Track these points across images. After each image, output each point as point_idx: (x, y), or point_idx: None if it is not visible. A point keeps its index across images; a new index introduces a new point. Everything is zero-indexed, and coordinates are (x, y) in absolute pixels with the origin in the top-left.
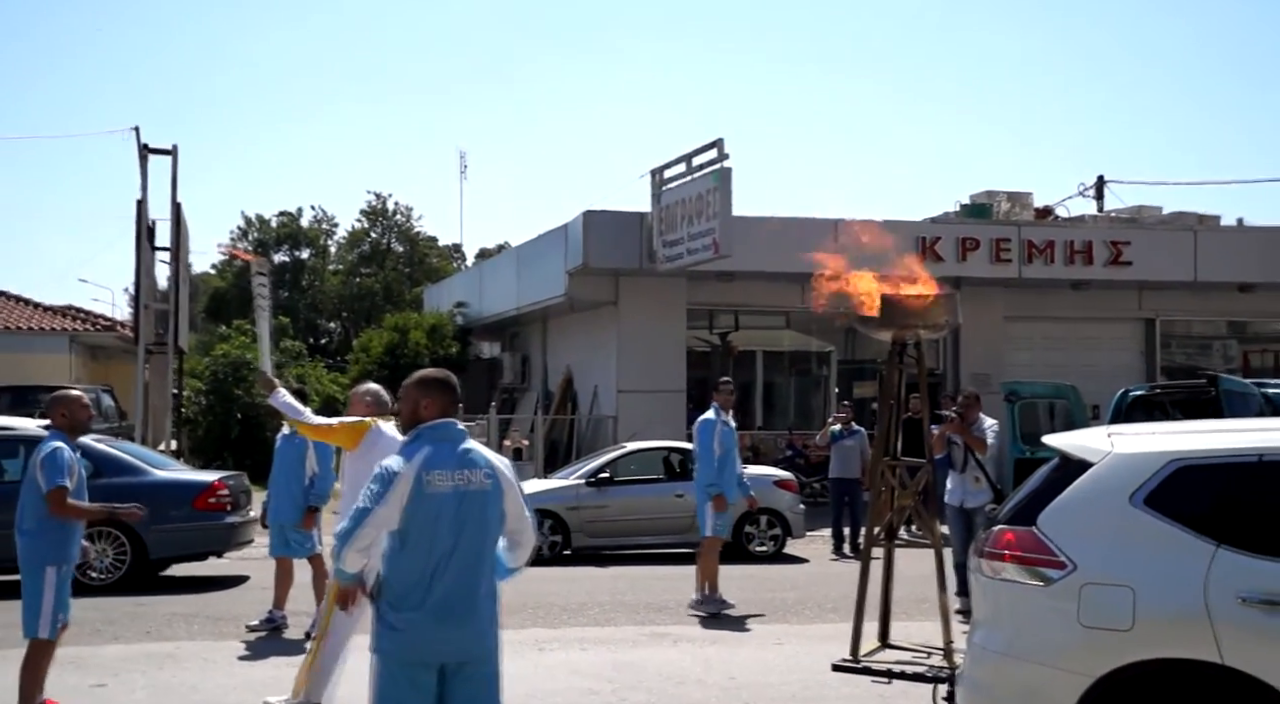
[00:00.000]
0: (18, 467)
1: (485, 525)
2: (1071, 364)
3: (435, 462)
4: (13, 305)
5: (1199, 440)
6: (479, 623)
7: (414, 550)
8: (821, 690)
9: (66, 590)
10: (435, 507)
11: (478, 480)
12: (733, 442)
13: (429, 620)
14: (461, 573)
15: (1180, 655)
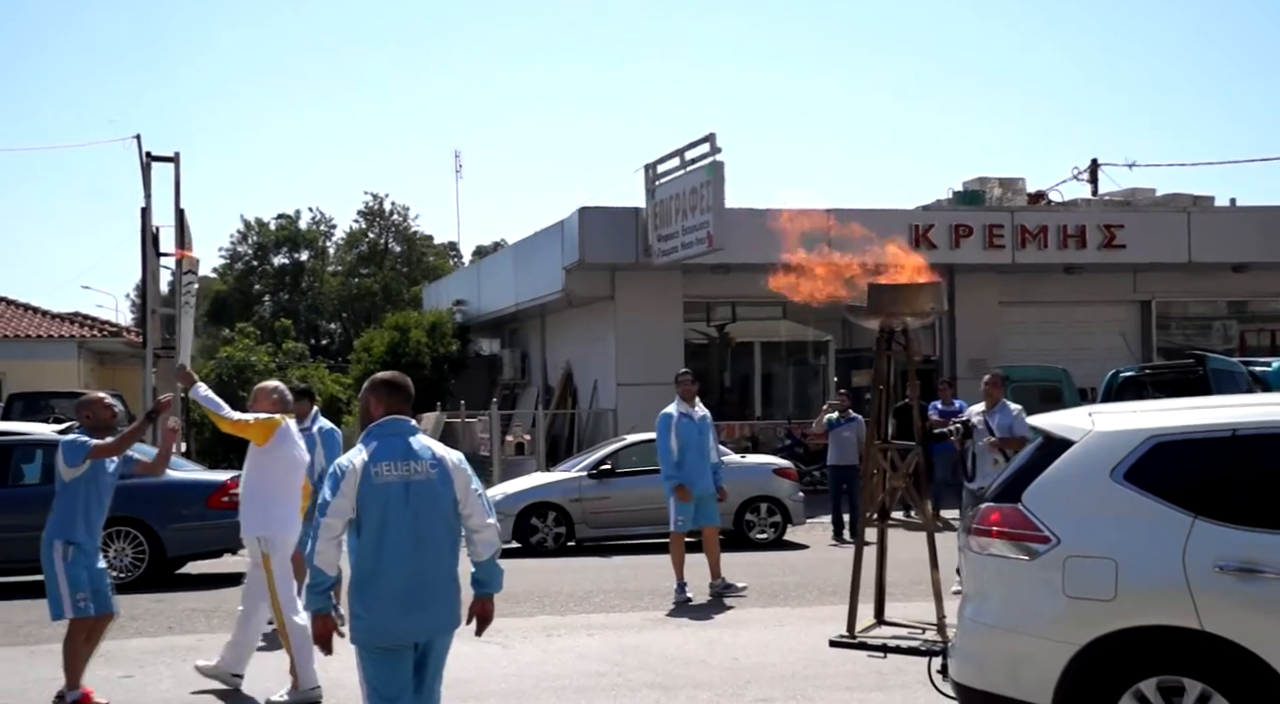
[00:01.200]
0: (35, 471)
1: (436, 512)
2: (1066, 347)
3: (381, 454)
4: (20, 313)
5: (1176, 417)
6: (441, 603)
7: (367, 538)
8: (821, 668)
9: (80, 570)
10: (383, 496)
11: (423, 471)
12: (696, 433)
13: (393, 606)
14: (418, 558)
15: (1161, 623)
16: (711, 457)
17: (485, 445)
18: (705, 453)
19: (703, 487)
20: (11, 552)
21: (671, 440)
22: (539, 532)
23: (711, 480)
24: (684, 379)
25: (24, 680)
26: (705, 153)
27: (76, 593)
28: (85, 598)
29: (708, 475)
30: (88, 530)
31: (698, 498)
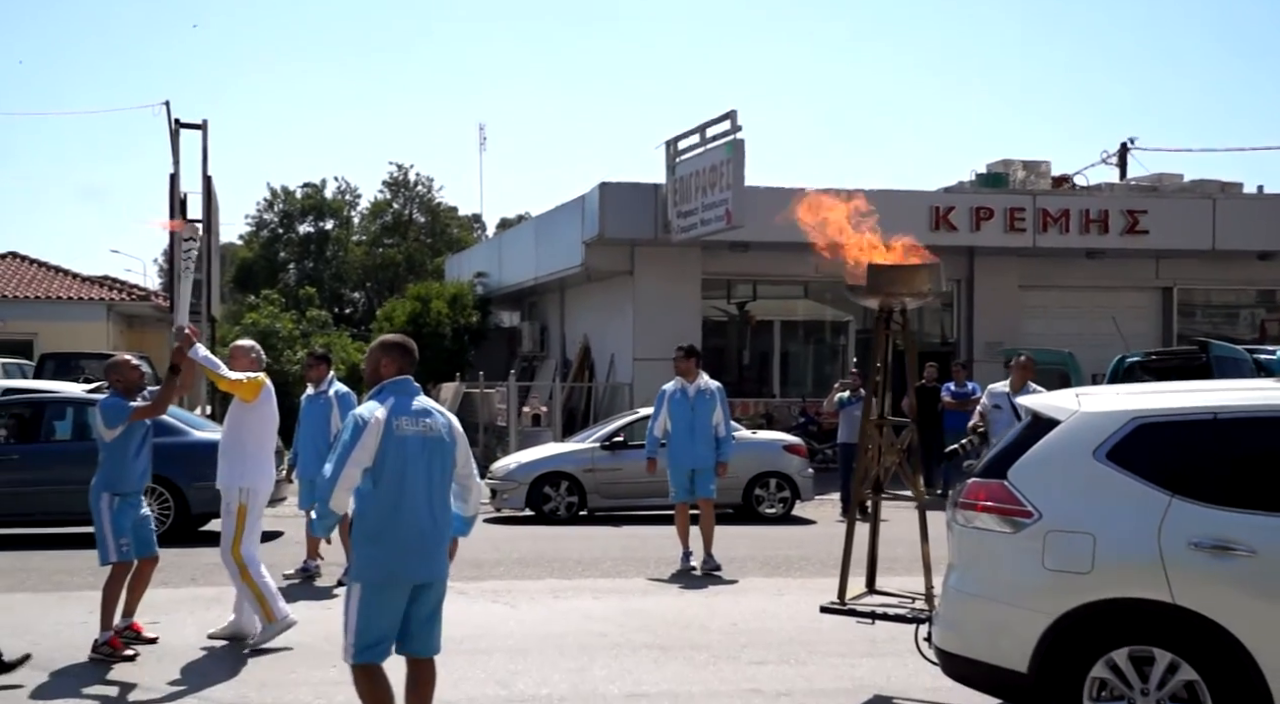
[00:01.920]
0: (67, 427)
1: (444, 468)
2: (1086, 332)
3: (400, 410)
4: (53, 276)
5: (1159, 400)
6: (441, 550)
7: (386, 487)
8: (816, 635)
9: (124, 518)
10: (404, 448)
11: (436, 428)
12: (687, 409)
13: (403, 549)
14: (427, 507)
15: (1134, 595)
16: (718, 431)
17: (502, 416)
18: (695, 429)
19: (691, 460)
20: (46, 504)
21: (660, 415)
22: (551, 500)
23: (705, 455)
24: (677, 355)
25: (56, 622)
26: (726, 131)
27: (120, 538)
28: (127, 543)
29: (698, 450)
30: (133, 480)
31: (692, 471)
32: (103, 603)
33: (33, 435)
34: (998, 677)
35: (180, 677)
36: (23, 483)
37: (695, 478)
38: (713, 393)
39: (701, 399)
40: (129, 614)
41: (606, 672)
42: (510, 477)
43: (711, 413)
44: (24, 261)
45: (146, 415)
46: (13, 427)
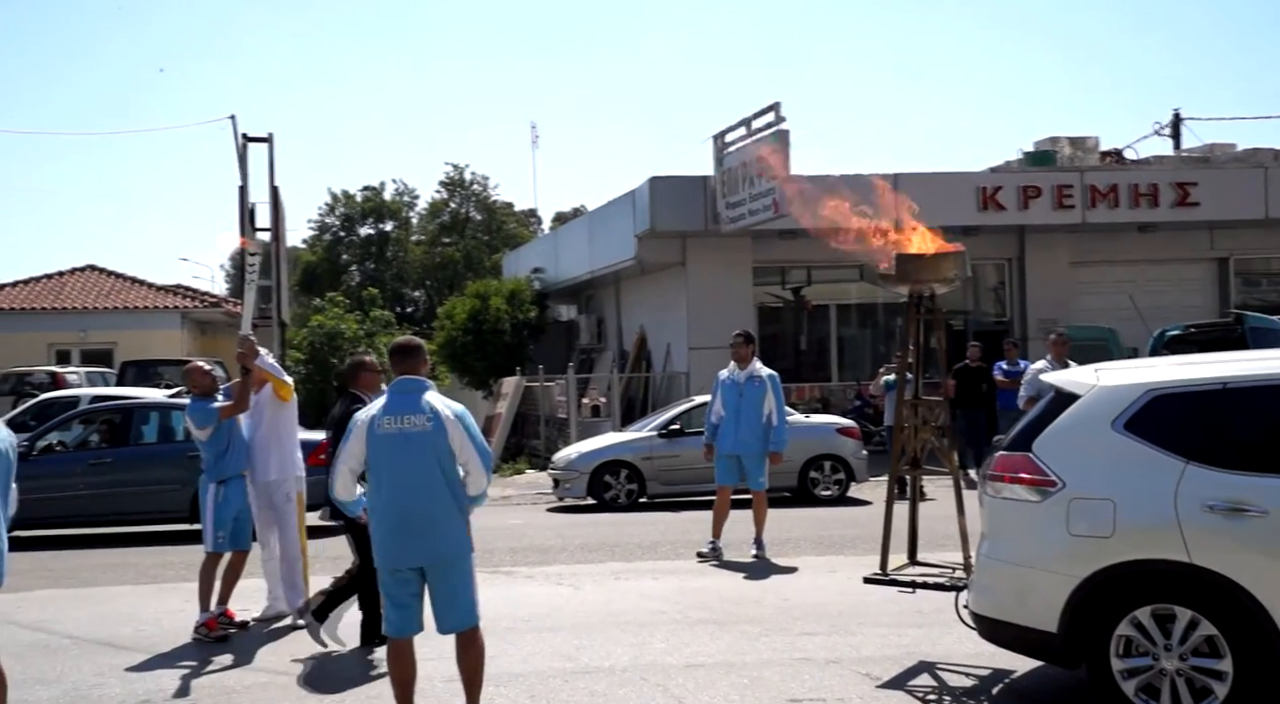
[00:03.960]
0: (153, 431)
1: (429, 459)
2: (1141, 306)
3: (386, 410)
4: (129, 286)
5: (1173, 372)
6: (437, 534)
7: (374, 480)
8: (866, 608)
9: (227, 511)
10: (383, 445)
11: (419, 423)
12: (735, 395)
13: (393, 535)
14: (412, 496)
15: (1154, 557)
16: (770, 420)
17: (563, 408)
18: (741, 415)
19: (733, 446)
20: (135, 503)
21: (715, 402)
22: (612, 488)
23: (750, 442)
24: (735, 341)
25: (157, 611)
26: (771, 122)
27: (218, 531)
28: (223, 537)
29: (742, 436)
30: (230, 467)
31: (737, 458)
32: (199, 588)
33: (122, 439)
34: (1029, 637)
35: (236, 653)
36: (115, 484)
37: (744, 466)
38: (763, 380)
39: (751, 386)
40: (223, 602)
41: (665, 645)
42: (571, 466)
43: (762, 400)
44: (102, 274)
45: (232, 413)
46: (104, 432)
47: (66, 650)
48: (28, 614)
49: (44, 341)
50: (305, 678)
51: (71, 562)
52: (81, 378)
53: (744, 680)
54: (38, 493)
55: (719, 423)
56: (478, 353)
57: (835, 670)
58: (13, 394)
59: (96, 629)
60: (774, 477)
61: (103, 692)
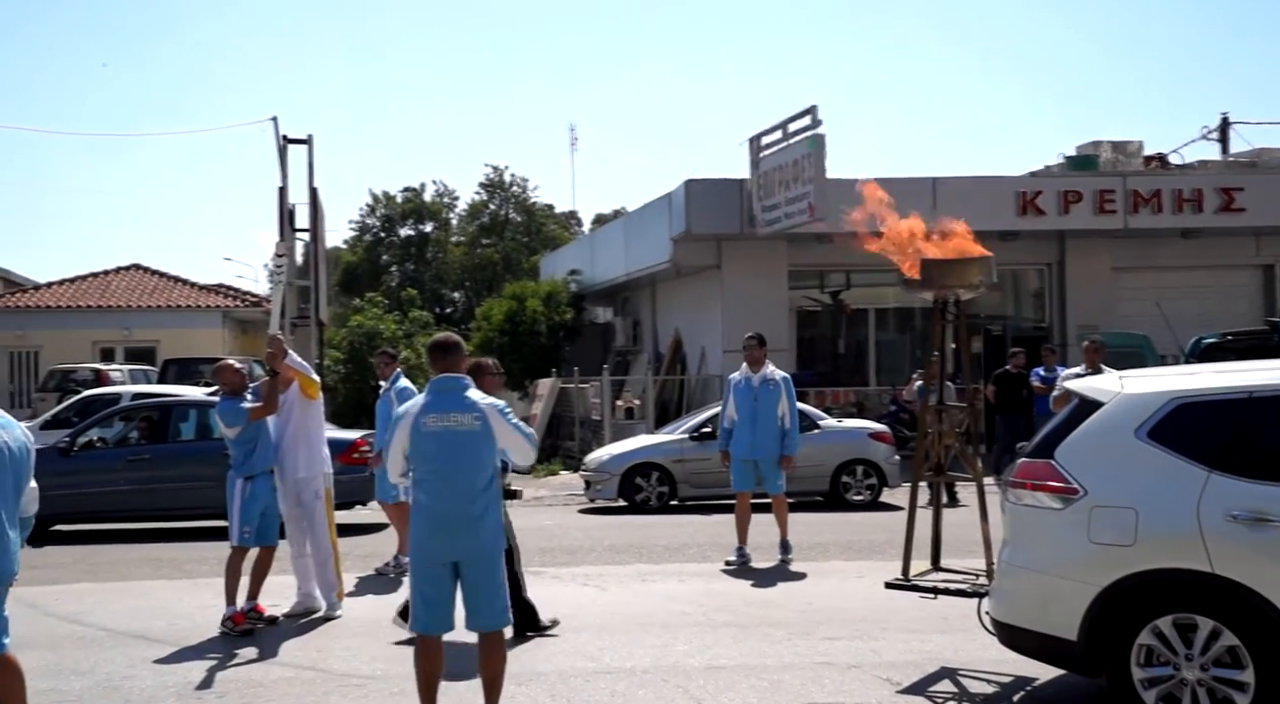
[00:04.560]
0: (191, 428)
1: (474, 458)
2: (1184, 313)
3: (430, 408)
4: (172, 285)
5: (1197, 381)
6: (474, 532)
7: (418, 475)
8: (890, 613)
9: (254, 507)
10: (428, 442)
11: (467, 422)
12: (750, 399)
13: (433, 530)
14: (454, 494)
15: (1176, 566)
16: (784, 423)
17: (597, 410)
18: (757, 419)
19: (750, 451)
20: (173, 499)
21: (728, 405)
22: (643, 490)
23: (766, 446)
24: (746, 343)
25: (191, 606)
26: (807, 126)
27: (244, 526)
28: (249, 532)
29: (759, 441)
30: (258, 464)
31: (754, 463)
32: (226, 582)
33: (161, 436)
34: (1049, 645)
35: (264, 647)
36: (153, 480)
37: (761, 470)
38: (777, 383)
39: (765, 389)
40: (252, 597)
41: (687, 647)
42: (603, 468)
43: (776, 403)
44: (147, 273)
45: (261, 415)
46: (143, 429)
47: (101, 642)
48: (65, 607)
49: (89, 339)
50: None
51: (110, 556)
52: (124, 375)
53: (764, 683)
54: (78, 488)
55: (732, 428)
56: (514, 354)
57: (856, 675)
58: (58, 391)
59: (130, 622)
60: (806, 481)
61: (134, 683)
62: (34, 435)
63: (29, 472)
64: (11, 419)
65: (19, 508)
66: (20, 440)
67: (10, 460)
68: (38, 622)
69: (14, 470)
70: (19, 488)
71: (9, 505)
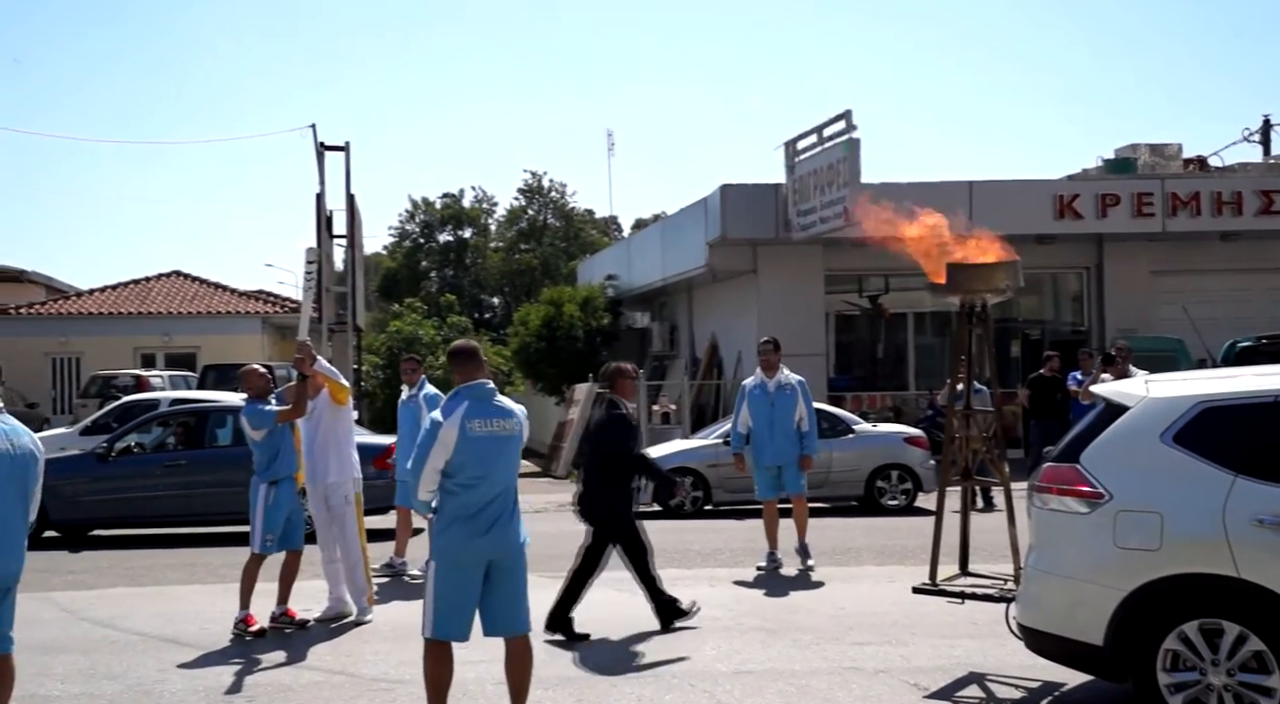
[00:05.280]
0: (228, 434)
1: (513, 460)
2: (1224, 316)
3: (474, 413)
4: (212, 291)
5: (1224, 385)
6: (512, 531)
7: (460, 480)
8: (920, 618)
9: (278, 513)
10: (476, 448)
11: (510, 427)
12: (767, 405)
13: (478, 533)
14: (499, 496)
15: (1201, 571)
16: (801, 426)
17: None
18: (775, 424)
19: (772, 457)
20: (209, 504)
21: (740, 412)
22: (677, 495)
23: (787, 450)
24: (765, 348)
25: (223, 610)
26: (842, 130)
27: (266, 533)
28: (272, 539)
29: (779, 446)
30: (282, 468)
31: (777, 468)
32: (241, 585)
33: (198, 442)
34: (1075, 650)
35: (293, 651)
36: (189, 485)
37: (782, 474)
38: (793, 387)
39: (782, 394)
40: (282, 601)
41: (716, 651)
42: None
43: (794, 408)
44: (187, 279)
45: (288, 418)
46: (180, 434)
47: (134, 646)
48: (101, 611)
49: (130, 345)
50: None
51: (147, 560)
52: (164, 381)
53: (791, 688)
54: (115, 493)
55: (747, 433)
56: (551, 359)
57: (883, 680)
58: (99, 396)
59: (164, 626)
60: (840, 486)
61: (164, 687)
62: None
63: (35, 478)
64: (22, 427)
65: (25, 512)
66: (26, 447)
67: (12, 465)
68: (73, 626)
69: (18, 475)
70: (24, 493)
71: (11, 508)
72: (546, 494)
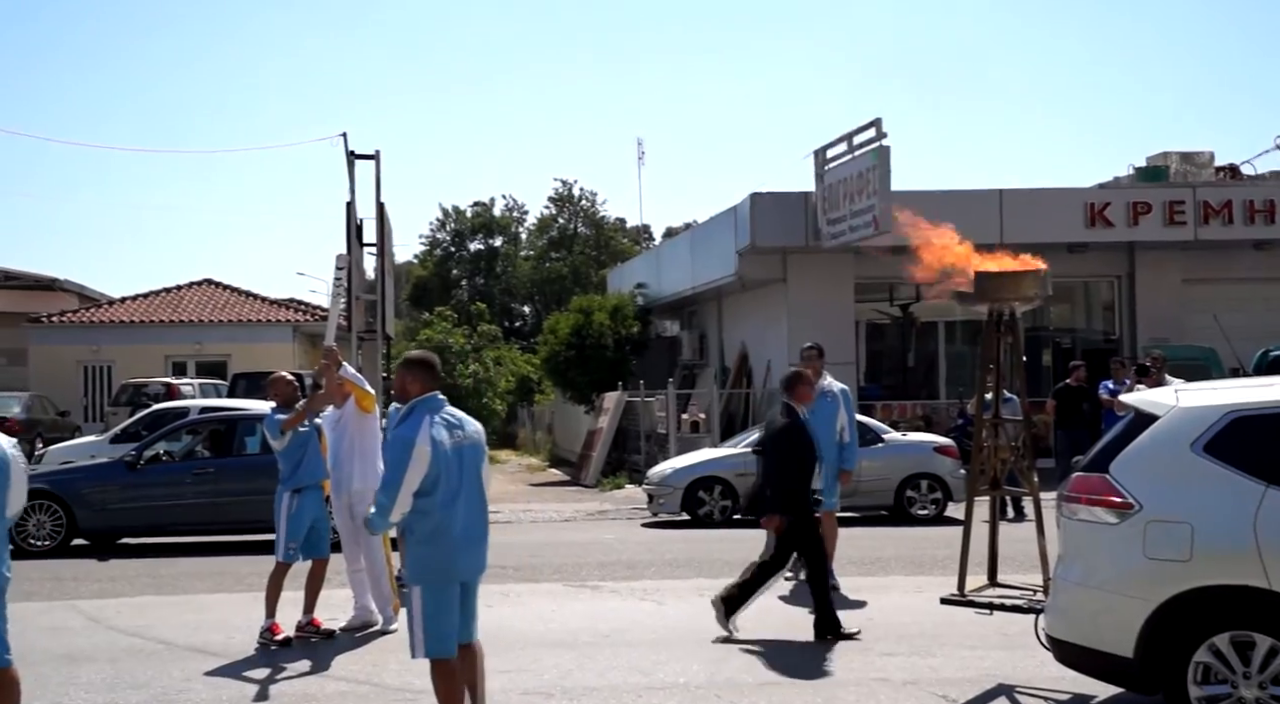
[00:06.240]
0: (256, 442)
1: (480, 472)
2: (1258, 325)
3: (440, 425)
4: (244, 300)
5: (1254, 394)
6: (485, 547)
7: (438, 496)
8: (949, 628)
9: (302, 521)
10: (447, 460)
11: (470, 437)
12: (809, 412)
13: (457, 549)
14: (473, 509)
15: (1232, 582)
16: (843, 437)
17: (663, 424)
18: (816, 433)
19: None
20: (237, 512)
21: None
22: (706, 504)
23: (824, 461)
24: (808, 355)
25: (249, 619)
26: (871, 138)
27: (289, 542)
28: (295, 547)
29: None
30: (306, 476)
31: None
32: (266, 594)
33: (226, 450)
34: (1104, 662)
35: (318, 660)
36: (218, 493)
37: None
38: (835, 396)
39: (823, 402)
40: (308, 611)
41: (742, 662)
42: (665, 482)
43: (835, 417)
44: (218, 288)
45: (292, 425)
46: (208, 442)
47: (159, 655)
48: (128, 620)
49: (161, 353)
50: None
51: (174, 569)
52: (195, 389)
53: (818, 699)
54: (145, 501)
55: None
56: (580, 368)
57: (911, 691)
58: (130, 404)
59: (190, 635)
60: (870, 495)
61: (188, 696)
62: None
63: (8, 486)
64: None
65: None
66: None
67: None
68: (99, 634)
69: None
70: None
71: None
72: (575, 503)
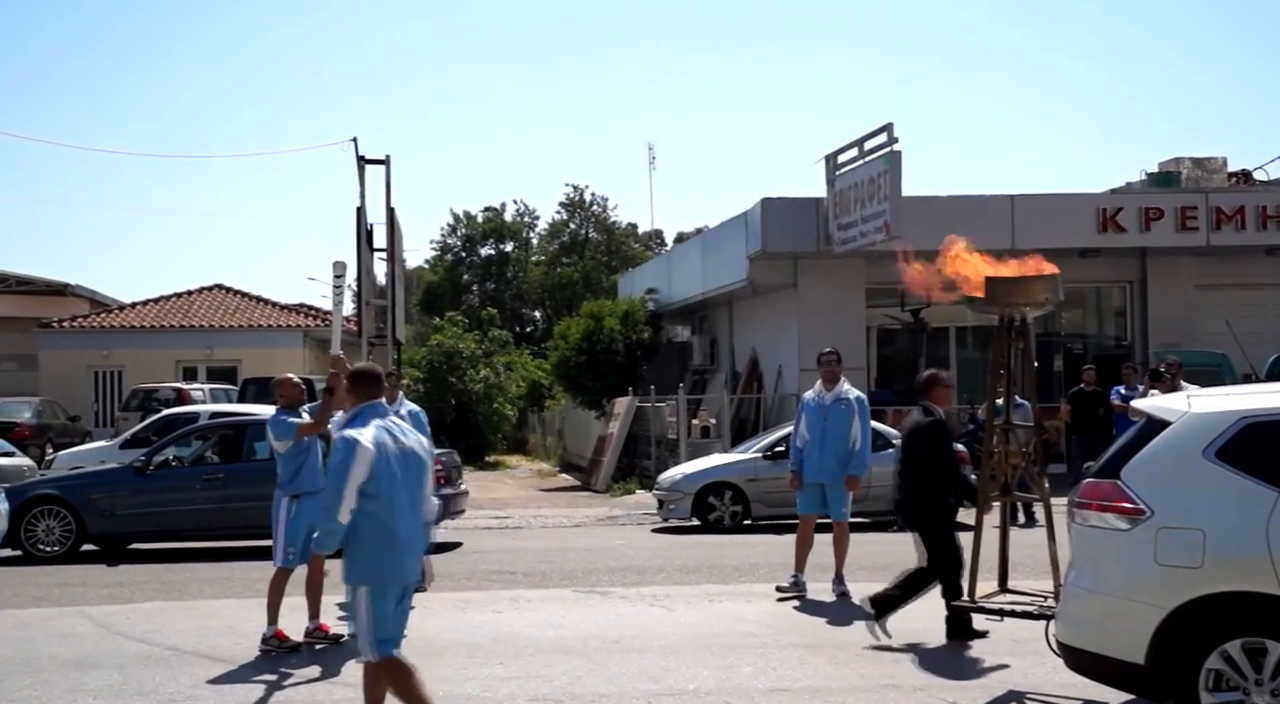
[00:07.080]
0: (265, 448)
1: (422, 478)
2: (1271, 331)
3: (383, 432)
4: (254, 305)
5: (1267, 400)
6: (419, 554)
7: (387, 502)
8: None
9: (300, 526)
10: (391, 466)
11: (411, 444)
12: (820, 419)
13: (399, 553)
14: (414, 514)
15: (1244, 589)
16: (855, 444)
17: (674, 429)
18: (826, 440)
19: (818, 474)
20: (246, 518)
21: (800, 426)
22: (716, 509)
23: (835, 470)
24: (827, 360)
25: (257, 624)
26: (883, 143)
27: (288, 547)
28: (294, 552)
29: (826, 463)
30: (306, 482)
31: (821, 486)
32: (268, 600)
33: (235, 455)
34: (1115, 668)
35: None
36: (227, 499)
37: (827, 494)
38: (850, 403)
39: (837, 409)
40: (314, 616)
41: (752, 669)
42: (676, 487)
43: (849, 424)
44: (229, 293)
45: (310, 432)
46: (218, 447)
47: (167, 661)
48: (136, 626)
49: (172, 358)
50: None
51: (183, 574)
52: (205, 394)
53: None
54: (154, 506)
55: (805, 447)
56: (591, 373)
57: (922, 698)
58: (141, 410)
59: (198, 641)
60: (881, 501)
61: (196, 702)
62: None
63: None
64: None
65: None
66: None
67: None
68: (108, 641)
69: None
70: None
71: None
72: (585, 508)
